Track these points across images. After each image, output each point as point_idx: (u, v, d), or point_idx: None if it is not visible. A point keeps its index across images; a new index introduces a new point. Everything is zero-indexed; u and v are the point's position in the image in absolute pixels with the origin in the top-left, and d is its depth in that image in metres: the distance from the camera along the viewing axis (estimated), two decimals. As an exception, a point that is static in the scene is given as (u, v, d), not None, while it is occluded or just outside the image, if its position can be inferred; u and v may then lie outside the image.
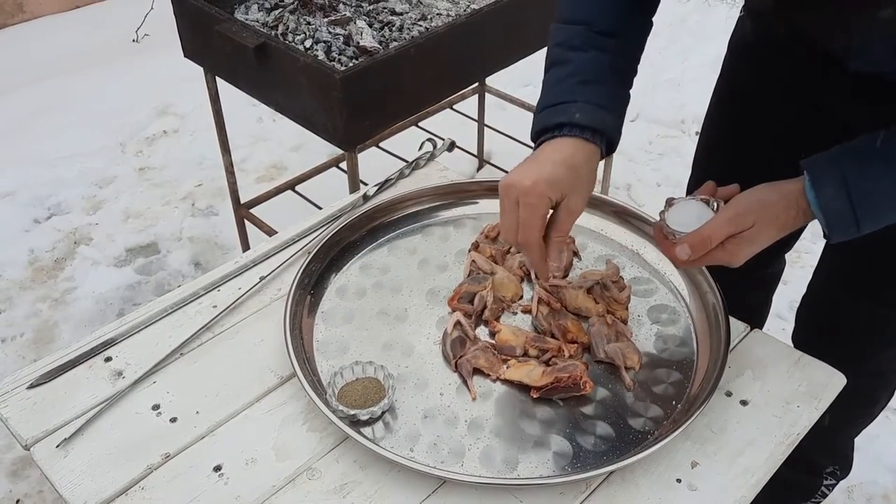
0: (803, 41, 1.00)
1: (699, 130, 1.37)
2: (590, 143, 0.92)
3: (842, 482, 1.75)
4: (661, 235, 0.95)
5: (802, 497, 1.54)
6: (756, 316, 1.57)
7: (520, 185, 0.90)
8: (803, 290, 1.36)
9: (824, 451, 1.47)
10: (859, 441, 1.81)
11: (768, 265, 1.50)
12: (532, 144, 0.98)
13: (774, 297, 2.21)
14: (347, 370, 0.95)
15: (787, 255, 2.30)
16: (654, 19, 1.02)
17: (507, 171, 2.39)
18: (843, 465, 1.51)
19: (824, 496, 1.54)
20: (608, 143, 0.95)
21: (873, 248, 1.15)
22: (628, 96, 0.99)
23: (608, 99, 0.95)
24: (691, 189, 1.37)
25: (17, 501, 1.76)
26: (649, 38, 1.02)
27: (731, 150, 1.26)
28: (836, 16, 0.88)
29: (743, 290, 1.04)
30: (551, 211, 0.92)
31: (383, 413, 0.92)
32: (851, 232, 0.88)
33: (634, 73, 1.00)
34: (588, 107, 0.93)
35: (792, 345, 1.02)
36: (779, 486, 0.97)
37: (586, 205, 0.96)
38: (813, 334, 1.32)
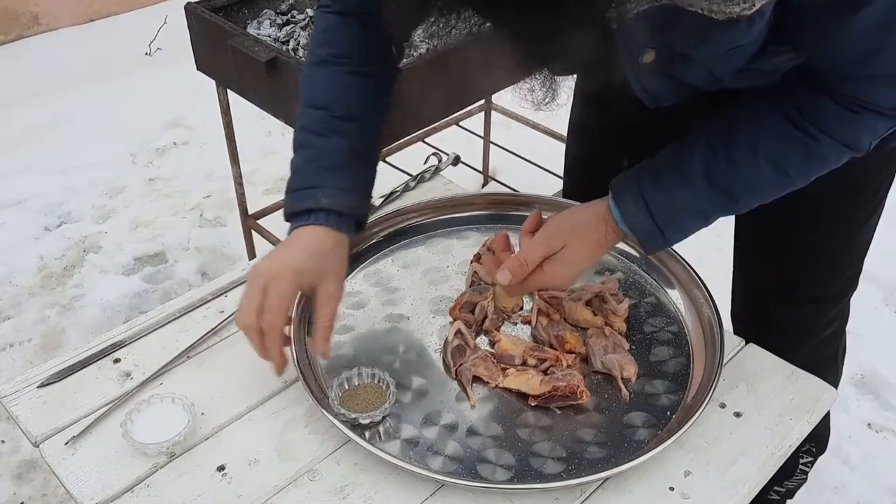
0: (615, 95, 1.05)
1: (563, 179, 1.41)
2: (336, 230, 0.96)
3: (840, 502, 1.76)
4: (490, 261, 1.01)
5: (784, 477, 1.55)
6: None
7: (269, 272, 0.93)
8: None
9: None
10: (857, 461, 1.82)
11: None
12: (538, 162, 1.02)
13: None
14: (353, 376, 0.97)
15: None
16: None
17: (512, 188, 2.42)
18: (818, 443, 1.52)
19: (804, 474, 1.55)
20: (357, 223, 1.00)
21: (778, 248, 1.17)
22: (373, 175, 1.04)
23: (351, 182, 0.99)
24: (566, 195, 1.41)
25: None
26: None
27: (588, 164, 1.31)
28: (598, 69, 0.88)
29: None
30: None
31: (384, 418, 0.94)
32: (660, 242, 0.93)
33: (377, 153, 1.06)
34: (332, 191, 0.97)
35: (790, 364, 1.04)
36: None
37: (343, 288, 0.99)
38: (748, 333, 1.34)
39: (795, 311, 1.24)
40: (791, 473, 1.54)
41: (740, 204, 0.92)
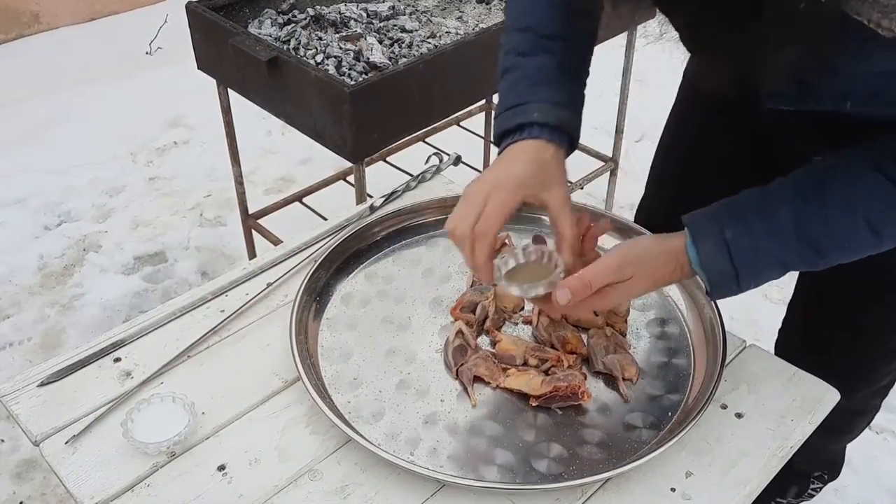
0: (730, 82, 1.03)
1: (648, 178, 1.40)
2: (551, 142, 0.94)
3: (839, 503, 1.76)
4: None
5: (791, 495, 1.55)
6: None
7: (489, 183, 0.91)
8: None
9: (810, 460, 1.48)
10: (858, 463, 1.82)
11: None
12: None
13: (774, 319, 2.22)
14: (510, 257, 0.95)
15: (787, 277, 2.31)
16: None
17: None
18: (830, 470, 1.52)
19: (811, 497, 1.55)
20: (569, 140, 0.97)
21: (848, 278, 1.16)
22: (583, 95, 1.01)
23: (562, 96, 0.97)
24: (645, 208, 1.39)
25: (21, 503, 1.78)
26: (655, 54, 1.04)
27: (679, 175, 1.29)
28: (737, 56, 0.90)
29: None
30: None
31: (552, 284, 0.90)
32: (732, 289, 0.89)
33: (586, 73, 1.02)
34: (544, 106, 0.95)
35: (791, 365, 1.03)
36: (770, 482, 0.98)
37: (569, 197, 0.96)
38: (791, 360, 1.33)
39: (858, 361, 1.21)
40: (798, 494, 1.54)
41: (824, 260, 0.88)
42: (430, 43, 1.76)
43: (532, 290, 0.91)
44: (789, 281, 2.23)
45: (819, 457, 1.47)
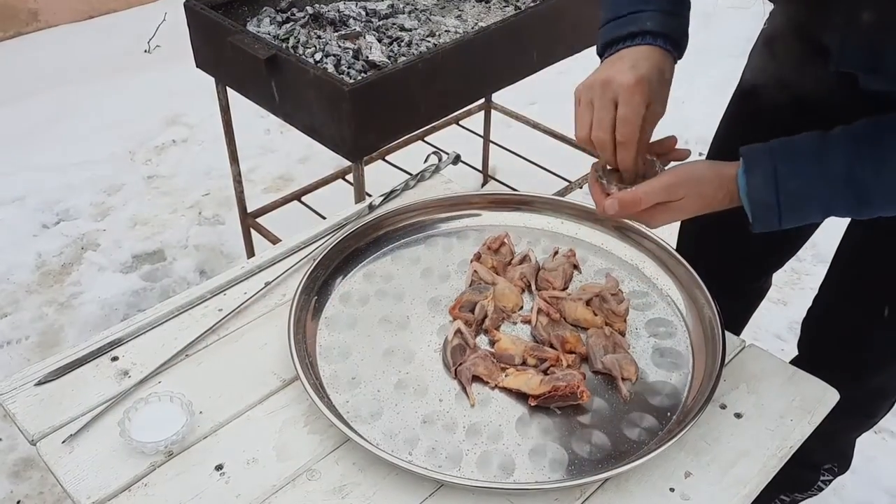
0: (803, 38, 1.01)
1: (703, 152, 1.39)
2: (665, 50, 0.95)
3: (838, 503, 1.76)
4: (596, 185, 0.99)
5: (798, 489, 1.55)
6: (730, 328, 1.61)
7: (619, 81, 0.91)
8: (803, 313, 1.38)
9: (822, 450, 1.48)
10: (857, 463, 1.81)
11: (757, 279, 1.51)
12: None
13: (774, 318, 2.22)
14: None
15: (788, 278, 2.32)
16: None
17: (512, 188, 2.40)
18: (841, 463, 1.52)
19: (820, 490, 1.55)
20: (678, 52, 0.98)
21: (880, 266, 1.16)
22: (689, 5, 1.01)
23: (673, 5, 0.98)
24: None
25: (18, 502, 1.77)
26: None
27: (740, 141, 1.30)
28: (821, 15, 0.90)
29: (726, 299, 1.06)
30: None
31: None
32: (773, 223, 0.91)
33: None
34: (657, 14, 0.95)
35: (791, 364, 1.03)
36: (776, 475, 0.98)
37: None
38: (816, 345, 1.33)
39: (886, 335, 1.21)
40: (807, 487, 1.54)
41: (869, 210, 0.89)
42: (429, 41, 1.75)
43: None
44: (788, 280, 2.24)
45: (833, 446, 1.47)
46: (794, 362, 1.18)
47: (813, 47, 0.98)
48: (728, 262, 1.30)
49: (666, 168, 0.99)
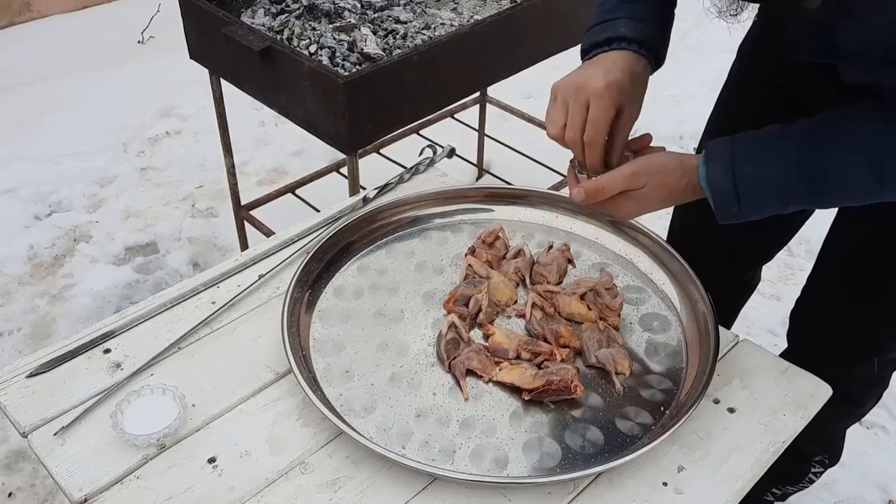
0: (778, 33, 1.04)
1: (697, 147, 1.39)
2: (640, 55, 0.99)
3: (830, 498, 1.77)
4: (572, 175, 1.02)
5: (790, 481, 1.56)
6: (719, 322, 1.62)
7: (591, 86, 0.95)
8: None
9: (813, 442, 1.49)
10: (848, 458, 1.82)
11: (745, 273, 1.52)
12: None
13: (767, 313, 2.22)
14: None
15: (780, 273, 2.33)
16: None
17: (506, 181, 2.40)
18: (831, 455, 1.53)
19: (811, 482, 1.56)
20: (655, 57, 1.01)
21: (865, 257, 1.17)
22: (672, 15, 1.05)
23: (650, 13, 1.01)
24: None
25: (10, 495, 1.77)
26: None
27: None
28: (776, 7, 0.92)
29: (713, 293, 1.07)
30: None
31: None
32: (734, 212, 0.93)
33: None
34: (630, 21, 0.99)
35: (784, 360, 1.04)
36: (768, 468, 0.99)
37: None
38: (804, 335, 1.34)
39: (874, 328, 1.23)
40: (799, 479, 1.55)
41: (824, 199, 0.92)
42: (424, 34, 1.75)
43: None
44: (781, 276, 2.24)
45: (823, 437, 1.48)
46: (784, 354, 1.19)
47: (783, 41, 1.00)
48: (714, 255, 1.30)
49: None
